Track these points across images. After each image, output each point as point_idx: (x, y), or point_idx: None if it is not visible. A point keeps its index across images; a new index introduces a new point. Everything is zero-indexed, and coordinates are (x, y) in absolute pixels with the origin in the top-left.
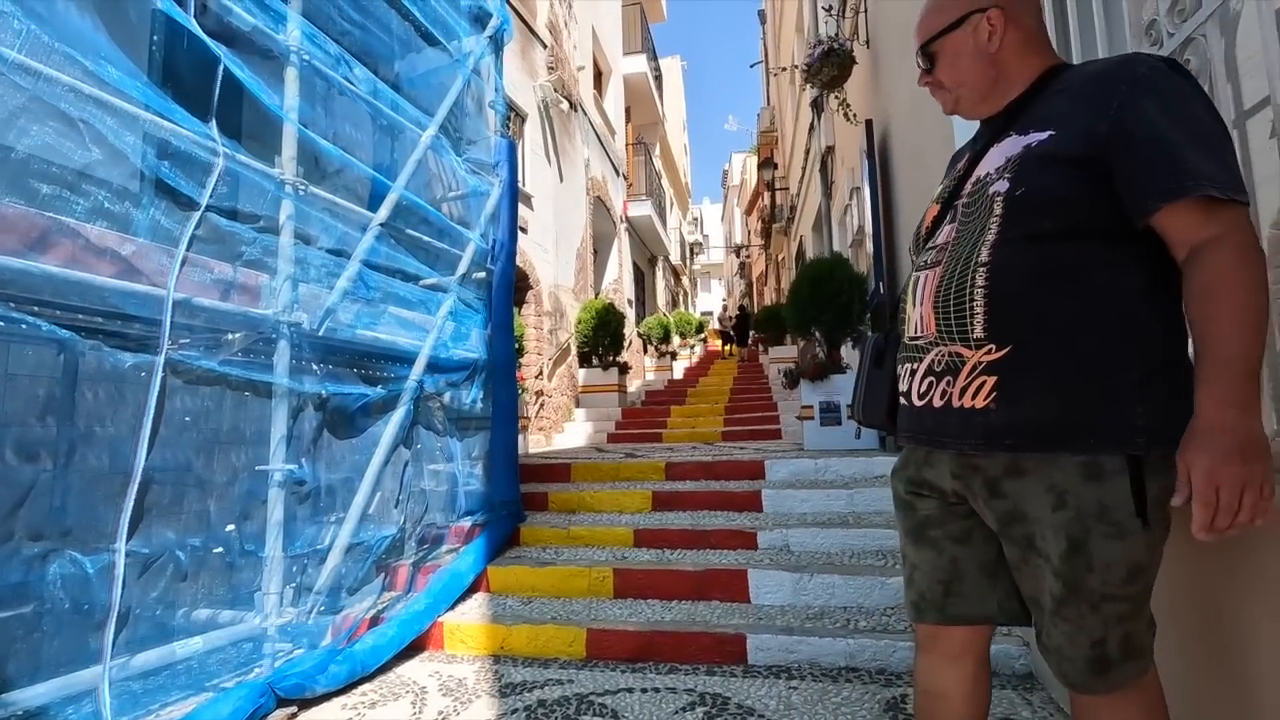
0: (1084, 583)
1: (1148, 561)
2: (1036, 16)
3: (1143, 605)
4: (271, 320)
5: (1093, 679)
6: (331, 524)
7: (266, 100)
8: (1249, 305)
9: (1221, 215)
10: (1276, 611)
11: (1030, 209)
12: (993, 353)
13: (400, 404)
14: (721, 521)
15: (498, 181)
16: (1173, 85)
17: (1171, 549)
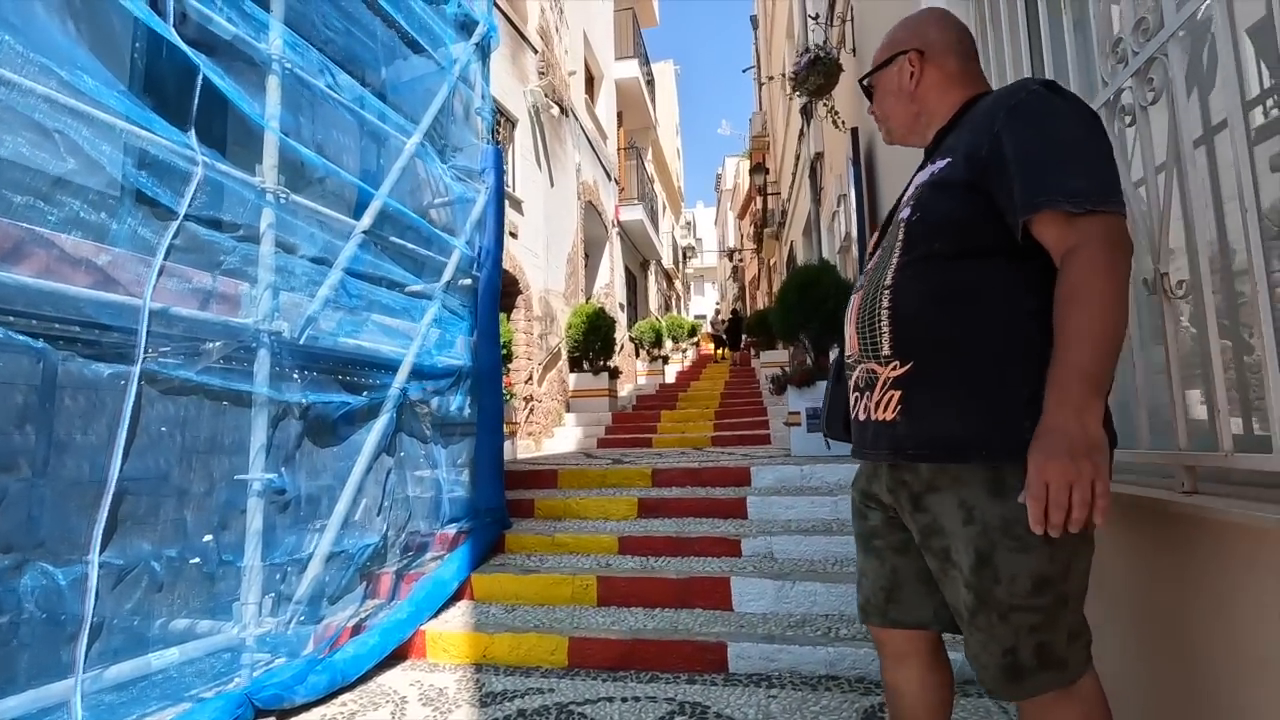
0: (992, 594)
1: (1054, 574)
2: (961, 57)
3: (1055, 616)
4: (251, 329)
5: (1007, 685)
6: (312, 533)
7: (247, 109)
8: (1095, 315)
9: (1080, 226)
10: (1216, 609)
11: (926, 233)
12: (897, 369)
13: (383, 412)
14: (706, 528)
15: (484, 188)
16: (1045, 106)
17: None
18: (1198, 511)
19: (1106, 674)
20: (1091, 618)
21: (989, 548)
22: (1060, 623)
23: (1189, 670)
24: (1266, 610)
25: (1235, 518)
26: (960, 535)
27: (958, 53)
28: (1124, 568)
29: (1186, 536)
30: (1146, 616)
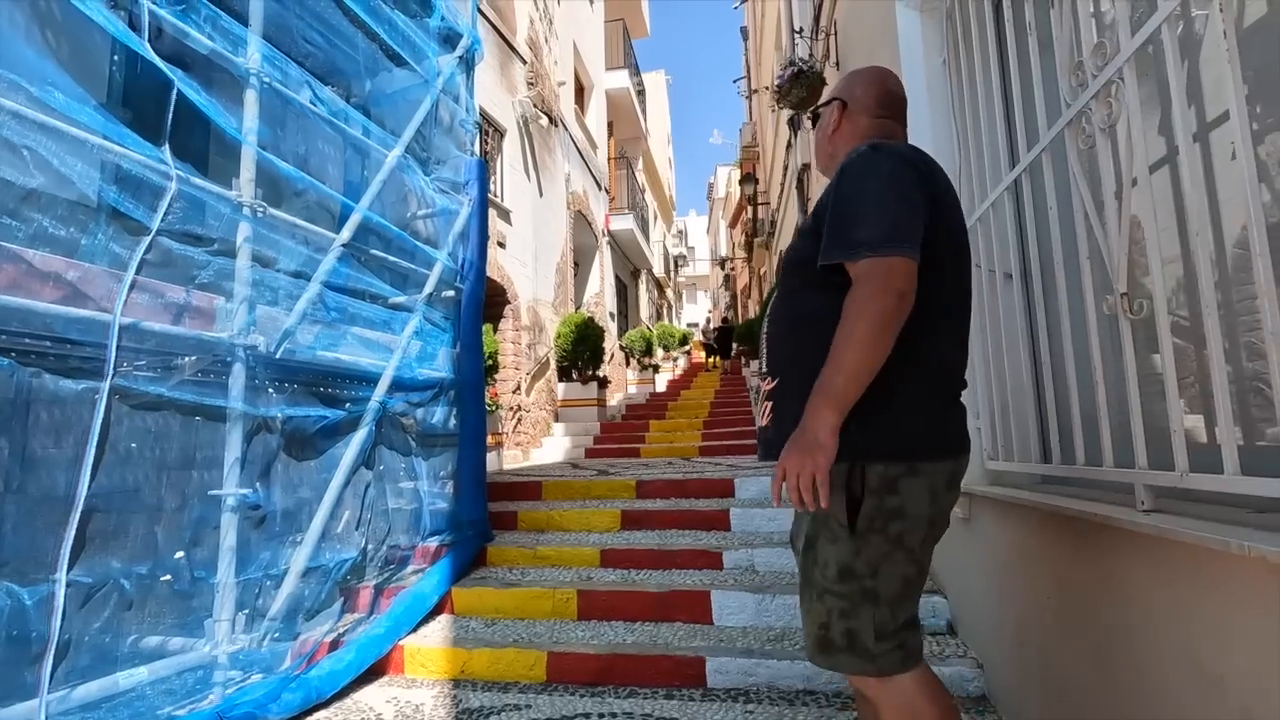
0: (810, 574)
1: (859, 569)
2: (871, 115)
3: (859, 606)
4: (226, 343)
5: (816, 655)
6: (288, 548)
7: (223, 123)
8: (847, 345)
9: (857, 269)
10: (1171, 628)
11: (789, 269)
12: (769, 383)
13: (362, 425)
14: (688, 541)
15: (467, 200)
16: (860, 166)
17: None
18: (1153, 530)
19: (1073, 685)
20: (1060, 633)
21: (814, 534)
22: (865, 615)
23: (1148, 688)
24: (1218, 631)
25: (1186, 538)
26: (803, 521)
27: (871, 111)
28: (1087, 584)
29: (1144, 555)
30: (1109, 633)
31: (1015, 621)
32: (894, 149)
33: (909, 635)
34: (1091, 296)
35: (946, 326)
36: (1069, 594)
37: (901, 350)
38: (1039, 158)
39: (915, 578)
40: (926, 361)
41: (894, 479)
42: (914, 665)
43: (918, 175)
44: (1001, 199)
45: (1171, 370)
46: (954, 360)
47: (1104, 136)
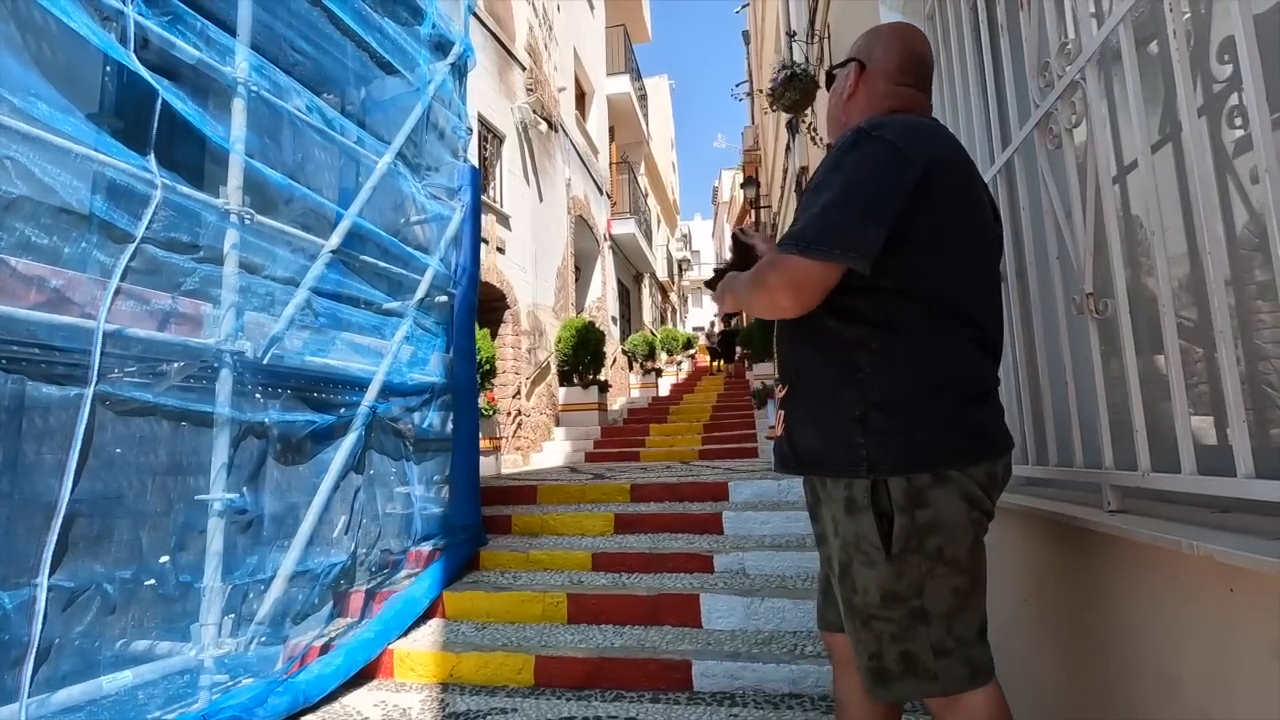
0: (852, 602)
1: (903, 590)
2: (890, 81)
3: (912, 630)
4: (213, 349)
5: (875, 687)
6: (275, 552)
7: (209, 132)
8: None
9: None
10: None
11: None
12: (782, 391)
13: (352, 429)
14: (680, 544)
15: (460, 206)
16: (839, 154)
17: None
18: (1115, 531)
19: (1048, 689)
20: (1038, 635)
21: (847, 560)
22: (919, 636)
23: (1114, 690)
24: (1174, 632)
25: (1146, 539)
26: (832, 546)
27: (891, 76)
28: (1056, 584)
29: (1108, 555)
30: (1082, 635)
31: (999, 623)
32: (884, 135)
33: (974, 651)
34: (1060, 296)
35: (958, 324)
36: (1047, 595)
37: (908, 358)
38: (1012, 158)
39: (969, 587)
40: (938, 365)
41: (920, 491)
42: (983, 682)
43: (900, 170)
44: None
45: (1133, 369)
46: (971, 360)
47: (1069, 137)
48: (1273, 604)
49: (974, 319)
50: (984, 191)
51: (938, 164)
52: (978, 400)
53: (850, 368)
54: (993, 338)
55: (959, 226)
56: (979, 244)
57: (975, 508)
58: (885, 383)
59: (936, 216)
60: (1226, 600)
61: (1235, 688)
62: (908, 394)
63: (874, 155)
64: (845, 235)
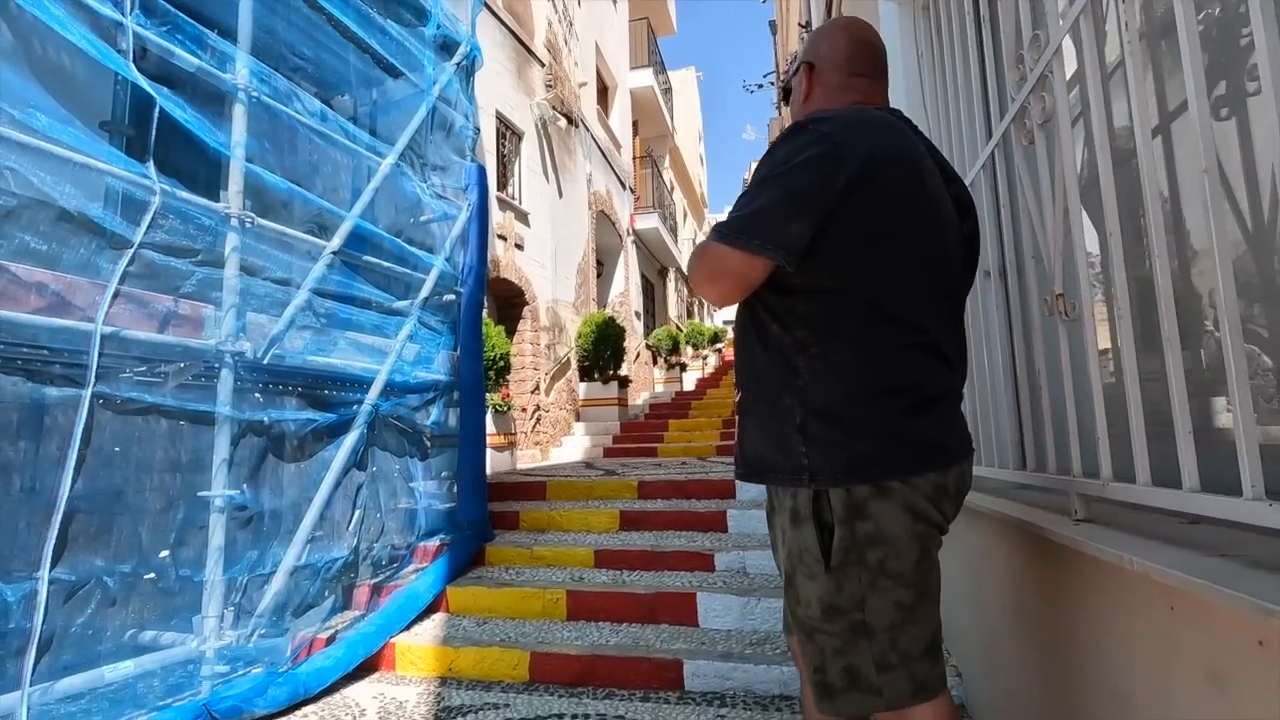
0: (796, 614)
1: (843, 603)
2: (842, 73)
3: (854, 642)
4: (213, 350)
5: (820, 701)
6: (276, 547)
7: (209, 138)
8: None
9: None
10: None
11: None
12: (739, 395)
13: (354, 427)
14: (682, 542)
15: (466, 205)
16: (775, 146)
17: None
18: (1074, 543)
19: (1026, 703)
20: (1016, 645)
21: (791, 571)
22: (861, 650)
23: (1076, 706)
24: (1126, 648)
25: (1103, 554)
26: (780, 555)
27: (841, 66)
28: (1037, 595)
29: (1071, 566)
30: (1052, 648)
31: (984, 631)
32: (820, 128)
33: (920, 666)
34: (1036, 297)
35: (900, 328)
36: (1024, 605)
37: (841, 363)
38: (994, 153)
39: (914, 601)
40: (876, 372)
41: (860, 503)
42: (928, 697)
43: (833, 164)
44: None
45: (1096, 373)
46: (914, 366)
47: (1040, 133)
48: (1207, 624)
49: (918, 322)
50: (938, 185)
51: (878, 158)
52: (920, 408)
53: (791, 373)
54: (941, 340)
55: (901, 223)
56: (927, 241)
57: (920, 520)
58: (823, 389)
59: (876, 214)
60: (1168, 618)
61: (1177, 710)
62: (845, 402)
63: (805, 148)
64: (767, 228)
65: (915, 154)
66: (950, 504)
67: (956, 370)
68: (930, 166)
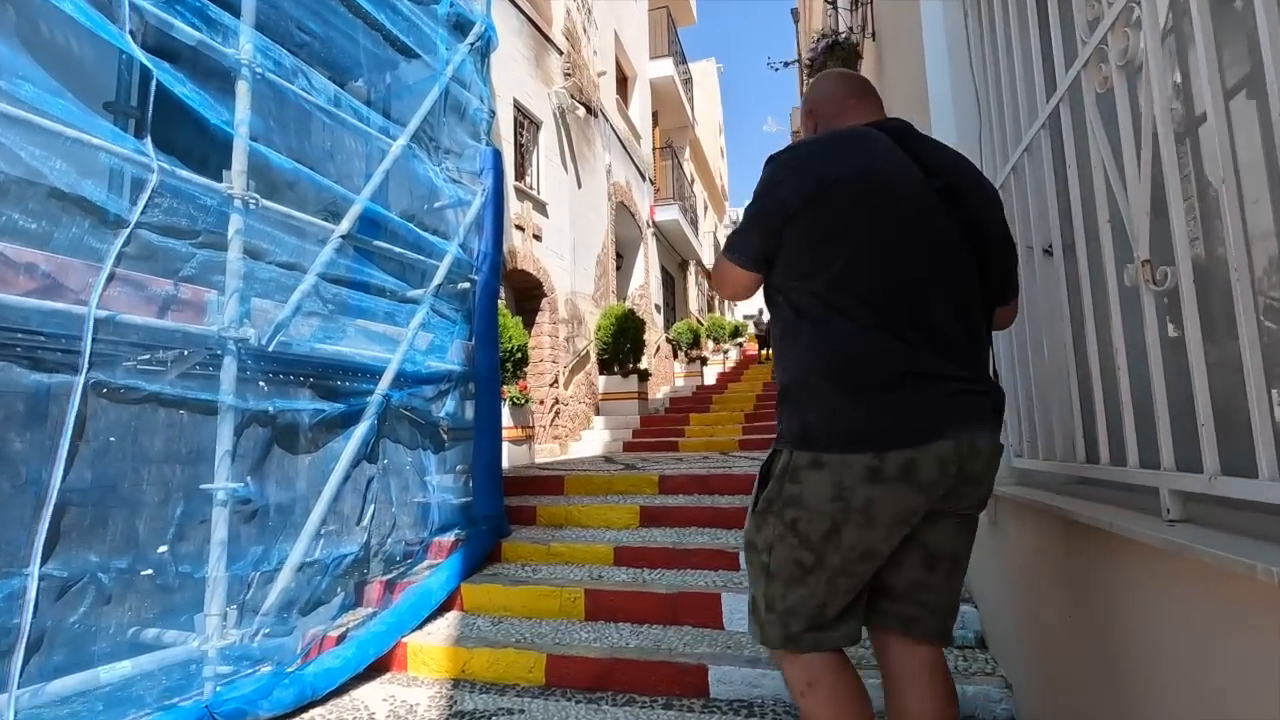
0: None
1: (758, 544)
2: (831, 106)
3: (757, 579)
4: (216, 336)
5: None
6: (282, 542)
7: (211, 116)
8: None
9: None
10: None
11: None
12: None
13: (364, 418)
14: (705, 540)
15: (481, 190)
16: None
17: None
18: (1172, 547)
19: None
20: (1079, 656)
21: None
22: (758, 587)
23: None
24: (1245, 670)
25: (1209, 558)
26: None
27: (833, 101)
28: (1107, 601)
29: (1161, 572)
30: (1127, 661)
31: (1040, 639)
32: (782, 156)
33: (797, 623)
34: (1111, 266)
35: (847, 317)
36: (1089, 611)
37: (803, 346)
38: (1057, 109)
39: (811, 565)
40: (823, 355)
41: (798, 469)
42: (797, 650)
43: (785, 183)
44: (1022, 162)
45: (1198, 351)
46: (860, 349)
47: (1121, 75)
48: None
49: (875, 310)
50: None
51: (828, 170)
52: (862, 390)
53: (779, 354)
54: (906, 327)
55: (853, 222)
56: (887, 234)
57: (839, 498)
58: (790, 367)
59: (829, 217)
60: None
61: None
62: (802, 380)
63: (770, 174)
64: (741, 243)
65: (872, 159)
66: (884, 488)
67: (935, 353)
68: (898, 167)
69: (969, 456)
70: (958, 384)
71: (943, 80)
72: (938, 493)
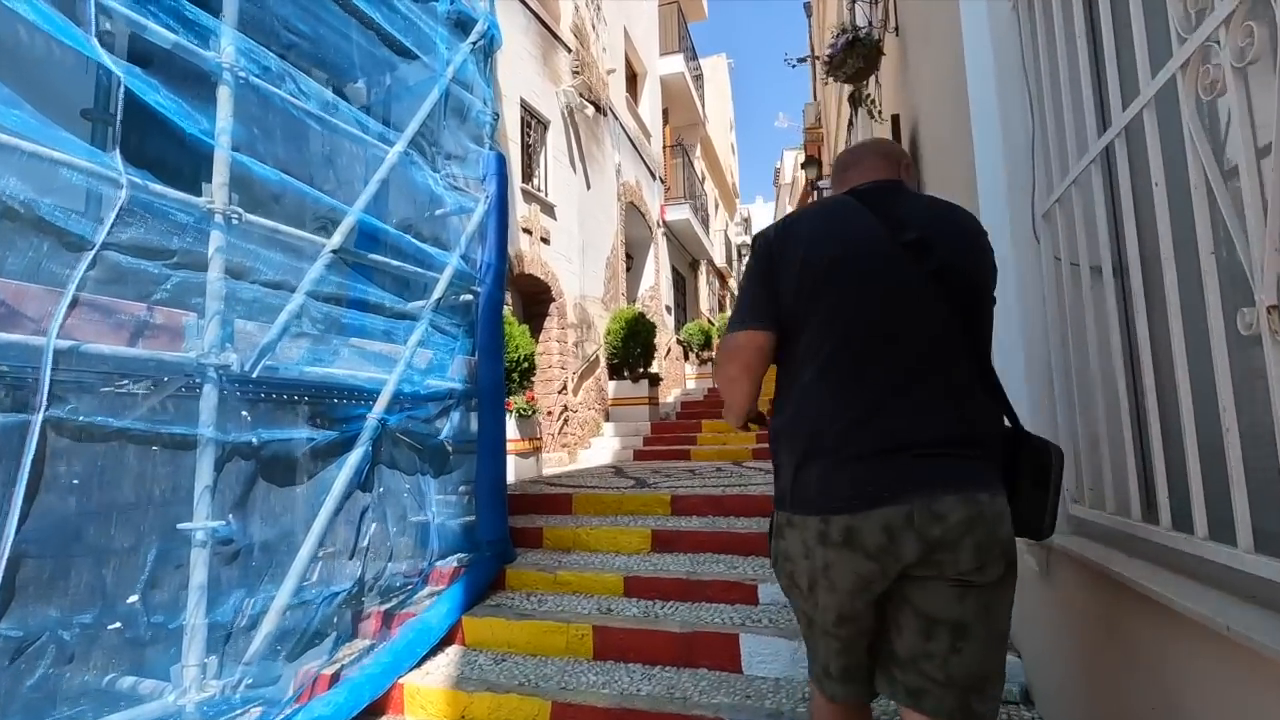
0: None
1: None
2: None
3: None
4: (194, 363)
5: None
6: (267, 584)
7: (188, 125)
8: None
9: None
10: None
11: None
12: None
13: (358, 444)
14: (721, 569)
15: (484, 197)
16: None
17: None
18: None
19: None
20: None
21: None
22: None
23: None
24: None
25: None
26: None
27: (833, 179)
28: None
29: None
30: None
31: (1088, 701)
32: (764, 231)
33: (817, 667)
34: (1218, 303)
35: (803, 379)
36: (1143, 676)
37: (780, 404)
38: (1138, 116)
39: (809, 624)
40: (788, 415)
41: (780, 526)
42: (819, 689)
43: (760, 250)
44: (1088, 174)
45: None
46: (814, 411)
47: (1238, 79)
48: None
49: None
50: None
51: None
52: (810, 454)
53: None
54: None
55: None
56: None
57: (808, 556)
58: (773, 423)
59: (790, 275)
60: None
61: None
62: (775, 436)
63: (751, 250)
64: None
65: (831, 222)
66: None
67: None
68: (857, 227)
69: (927, 523)
70: (918, 444)
71: (986, 83)
72: (895, 560)
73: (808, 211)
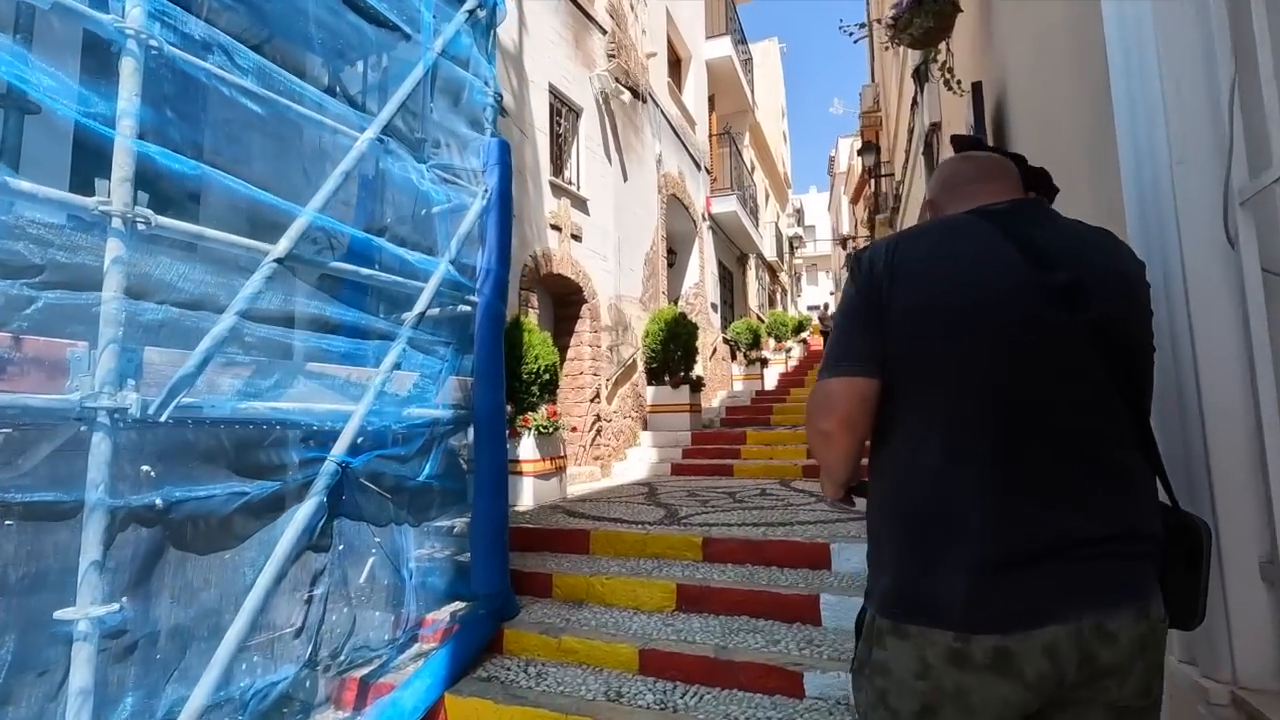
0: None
1: (857, 703)
2: (946, 193)
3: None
4: (77, 407)
5: None
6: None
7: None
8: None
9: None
10: None
11: None
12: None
13: (310, 494)
14: (759, 643)
15: (482, 193)
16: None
17: None
18: None
19: None
20: None
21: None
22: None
23: None
24: None
25: None
26: None
27: (943, 192)
28: None
29: None
30: None
31: None
32: (862, 254)
33: None
34: None
35: (915, 446)
36: None
37: (882, 473)
38: None
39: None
40: (893, 493)
41: (882, 633)
42: None
43: (863, 282)
44: None
45: None
46: (930, 492)
47: None
48: None
49: (951, 434)
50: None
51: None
52: (936, 548)
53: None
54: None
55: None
56: (967, 340)
57: (926, 677)
58: (871, 499)
59: (901, 315)
60: None
61: None
62: (879, 519)
63: (849, 276)
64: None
65: (959, 252)
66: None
67: (1038, 500)
68: (994, 261)
69: (1097, 644)
70: (1079, 544)
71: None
72: (1053, 689)
73: (925, 233)
